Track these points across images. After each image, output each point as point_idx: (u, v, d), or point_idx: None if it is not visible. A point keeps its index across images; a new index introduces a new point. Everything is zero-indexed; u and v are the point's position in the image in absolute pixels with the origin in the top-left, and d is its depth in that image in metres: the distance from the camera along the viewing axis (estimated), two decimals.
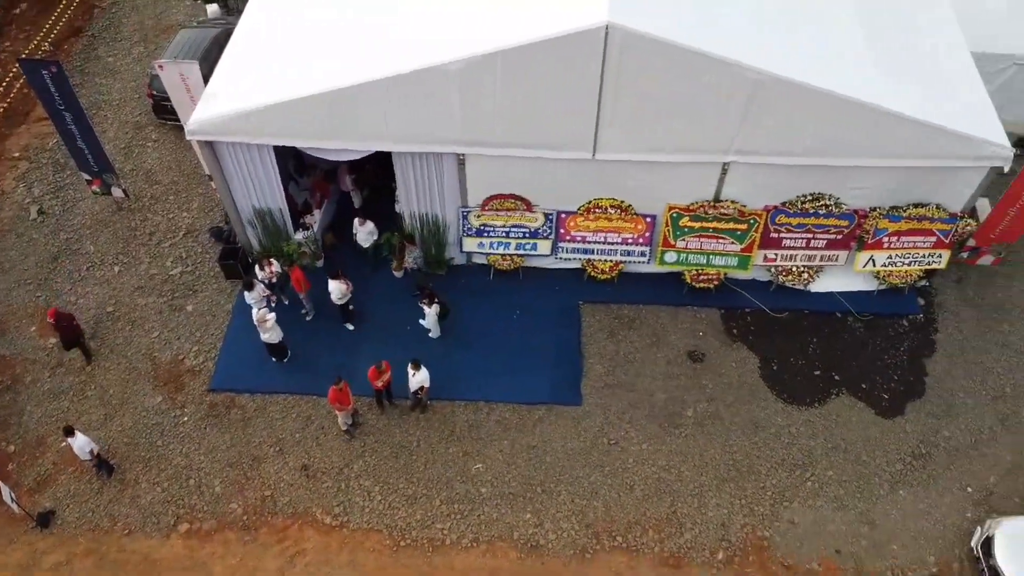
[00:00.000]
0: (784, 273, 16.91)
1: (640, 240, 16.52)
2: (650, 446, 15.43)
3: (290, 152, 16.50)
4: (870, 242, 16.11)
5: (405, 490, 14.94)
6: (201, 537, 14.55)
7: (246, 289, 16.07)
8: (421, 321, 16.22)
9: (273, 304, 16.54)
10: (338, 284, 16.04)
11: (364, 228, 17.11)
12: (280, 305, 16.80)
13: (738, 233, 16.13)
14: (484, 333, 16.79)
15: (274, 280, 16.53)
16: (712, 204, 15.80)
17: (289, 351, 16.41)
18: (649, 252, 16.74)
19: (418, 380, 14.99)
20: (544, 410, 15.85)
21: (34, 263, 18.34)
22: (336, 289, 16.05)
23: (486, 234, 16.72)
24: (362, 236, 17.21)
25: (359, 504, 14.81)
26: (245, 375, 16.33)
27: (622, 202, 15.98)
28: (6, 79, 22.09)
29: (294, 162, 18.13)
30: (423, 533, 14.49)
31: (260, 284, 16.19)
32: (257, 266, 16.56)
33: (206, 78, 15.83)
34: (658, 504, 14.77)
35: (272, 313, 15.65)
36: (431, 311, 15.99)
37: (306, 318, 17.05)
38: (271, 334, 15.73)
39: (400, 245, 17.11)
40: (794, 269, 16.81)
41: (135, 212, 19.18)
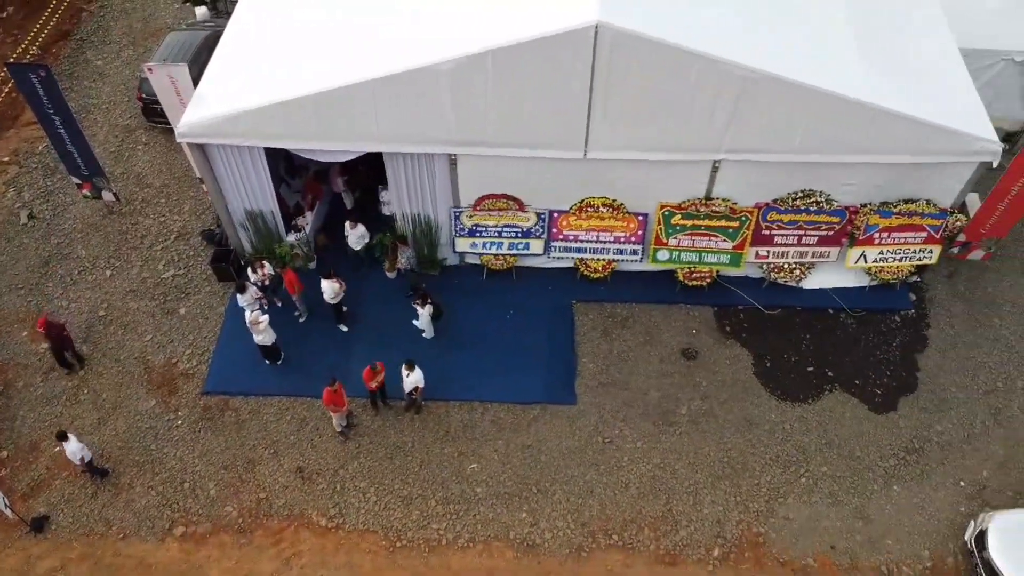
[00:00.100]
0: (776, 270, 16.96)
1: (632, 239, 16.55)
2: (645, 444, 15.47)
3: (281, 154, 16.48)
4: (861, 238, 16.18)
5: (400, 491, 14.94)
6: (196, 540, 14.51)
7: (239, 292, 16.04)
8: (415, 322, 16.21)
9: (266, 306, 16.51)
10: (331, 283, 16.02)
11: (355, 231, 17.07)
12: (273, 307, 16.78)
13: (730, 231, 16.18)
14: (478, 333, 16.79)
15: (267, 282, 16.49)
16: (704, 202, 15.84)
17: (283, 353, 16.39)
18: (641, 250, 16.77)
19: (412, 381, 14.99)
20: (538, 409, 15.86)
21: (25, 268, 18.26)
22: (329, 288, 16.03)
23: (478, 234, 16.72)
24: (353, 239, 17.18)
25: (355, 505, 14.80)
26: (239, 378, 16.29)
27: (614, 201, 16.00)
28: None
29: (285, 164, 18.12)
30: (419, 534, 14.49)
31: (253, 287, 16.15)
32: (249, 268, 16.51)
33: (196, 80, 15.78)
34: (653, 502, 14.81)
35: (265, 315, 15.61)
36: (424, 312, 15.99)
37: (299, 320, 17.03)
38: (264, 336, 15.70)
39: (392, 246, 17.10)
40: (786, 266, 16.87)
41: (126, 216, 19.12)
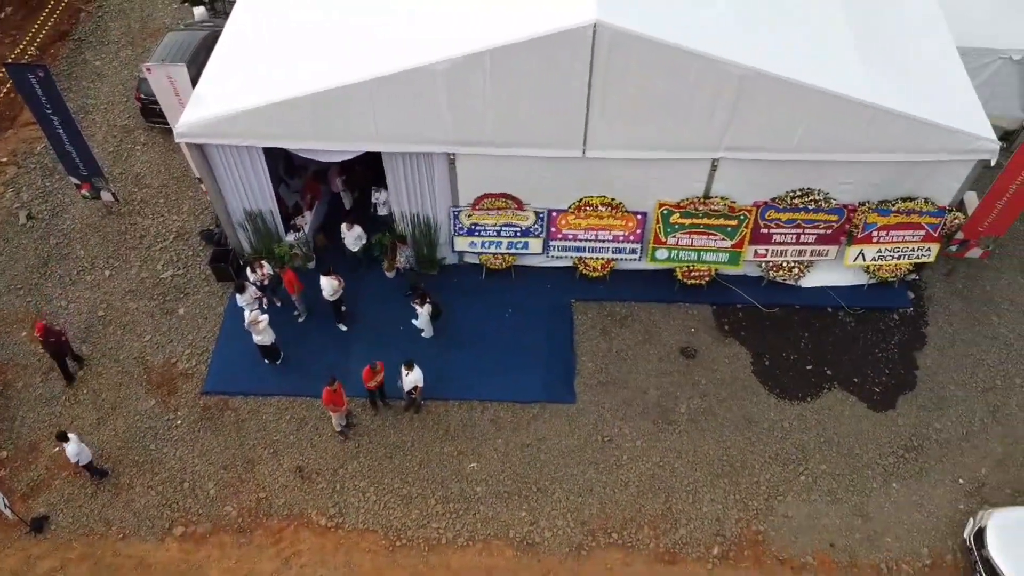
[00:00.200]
0: (775, 268, 16.99)
1: (631, 237, 16.57)
2: (644, 443, 15.49)
3: (280, 154, 16.48)
4: (860, 236, 16.20)
5: (400, 490, 14.95)
6: (196, 540, 14.52)
7: (238, 292, 16.04)
8: (414, 321, 16.21)
9: (265, 306, 16.52)
10: (329, 280, 16.02)
11: (352, 232, 17.01)
12: (272, 307, 16.78)
13: (728, 229, 16.19)
14: (477, 332, 16.80)
15: (266, 282, 16.49)
16: (702, 200, 15.86)
17: (282, 353, 16.40)
18: (640, 249, 16.79)
19: (411, 380, 15.00)
20: (538, 408, 15.88)
21: (24, 268, 18.25)
22: (328, 285, 16.03)
23: (477, 233, 16.73)
24: (350, 240, 17.13)
25: (354, 505, 14.81)
26: (238, 377, 16.30)
27: (612, 200, 16.01)
28: None
29: (284, 164, 18.12)
30: (419, 533, 14.50)
31: (252, 286, 16.15)
32: (248, 268, 16.52)
33: (194, 80, 15.78)
34: (653, 500, 14.82)
35: (265, 315, 15.62)
36: (423, 311, 15.99)
37: (298, 320, 17.04)
38: (263, 336, 15.71)
39: (392, 245, 17.10)
40: (784, 264, 16.89)
41: (125, 216, 19.11)
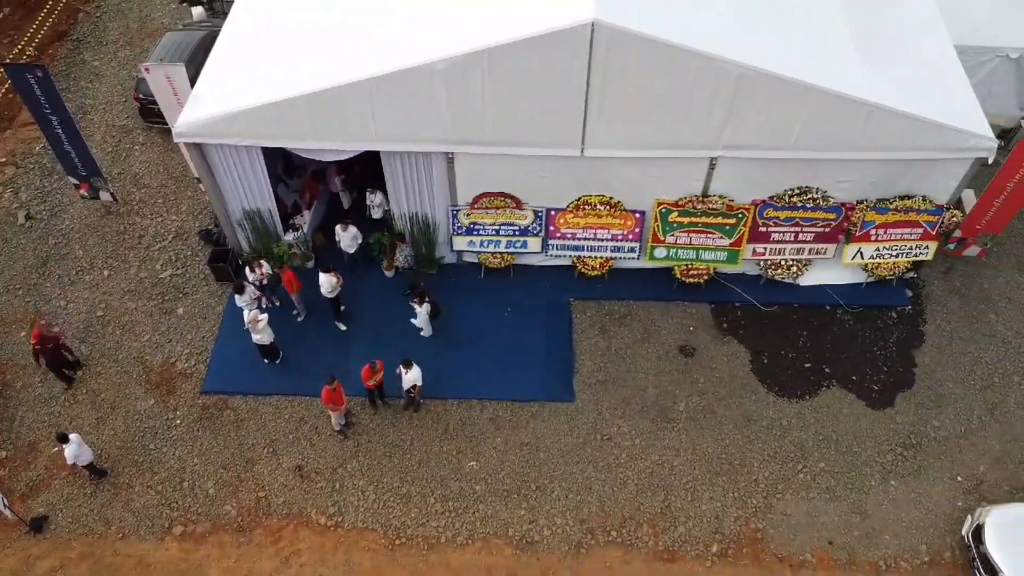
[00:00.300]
0: (773, 267, 17.01)
1: (629, 236, 16.58)
2: (643, 441, 15.51)
3: (279, 153, 16.50)
4: (858, 235, 16.22)
5: (399, 489, 14.97)
6: (196, 539, 14.53)
7: (236, 293, 16.03)
8: (413, 320, 16.23)
9: (265, 305, 16.53)
10: (328, 277, 16.03)
11: (347, 233, 16.95)
12: (271, 306, 16.79)
13: (727, 228, 16.22)
14: (476, 331, 16.82)
15: (265, 282, 16.50)
16: (700, 199, 15.88)
17: (281, 352, 16.41)
18: (639, 248, 16.81)
19: (410, 379, 15.01)
20: (537, 407, 15.89)
21: (22, 268, 18.25)
22: (326, 282, 16.04)
23: (476, 232, 16.75)
24: (346, 242, 17.09)
25: (353, 504, 14.82)
26: (237, 377, 16.31)
27: (611, 198, 16.03)
28: None
29: (283, 163, 18.12)
30: (418, 531, 14.52)
31: (250, 287, 16.15)
32: (247, 268, 16.53)
33: (193, 80, 15.80)
34: (652, 498, 14.84)
35: (264, 314, 15.63)
36: (422, 310, 16.01)
37: (297, 319, 17.05)
38: (263, 335, 15.71)
39: (391, 244, 17.12)
40: (783, 263, 16.91)
41: (123, 216, 19.12)
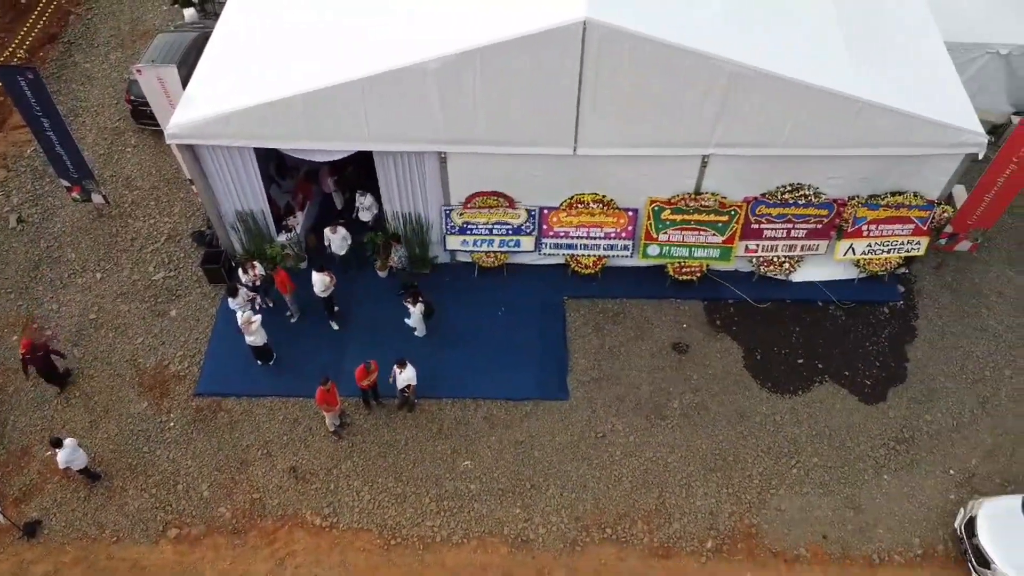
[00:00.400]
0: (766, 264, 17.06)
1: (622, 234, 16.61)
2: (637, 438, 15.54)
3: (271, 154, 16.47)
4: (849, 231, 16.28)
5: (394, 489, 14.96)
6: (190, 542, 14.50)
7: (230, 296, 15.99)
8: (406, 320, 16.23)
9: (259, 307, 16.51)
10: (321, 277, 16.02)
11: (337, 235, 16.92)
12: (264, 308, 16.77)
13: (719, 225, 16.26)
14: (470, 331, 16.83)
15: (258, 283, 16.48)
16: (693, 197, 15.93)
17: (274, 353, 16.39)
18: (632, 246, 16.84)
19: (405, 378, 15.01)
20: (531, 405, 15.91)
21: (14, 272, 18.18)
22: (319, 282, 16.03)
23: (469, 232, 16.75)
24: (336, 244, 17.06)
25: (348, 504, 14.81)
26: (231, 379, 16.28)
27: (604, 197, 16.06)
28: None
29: (275, 164, 18.10)
30: (413, 531, 14.52)
31: (244, 289, 16.13)
32: (240, 269, 16.51)
33: (185, 82, 15.77)
34: (646, 495, 14.88)
35: (257, 315, 15.61)
36: (416, 310, 16.01)
37: (291, 320, 17.03)
38: (256, 337, 15.69)
39: (384, 244, 17.11)
40: (775, 259, 16.96)
41: (116, 218, 19.07)
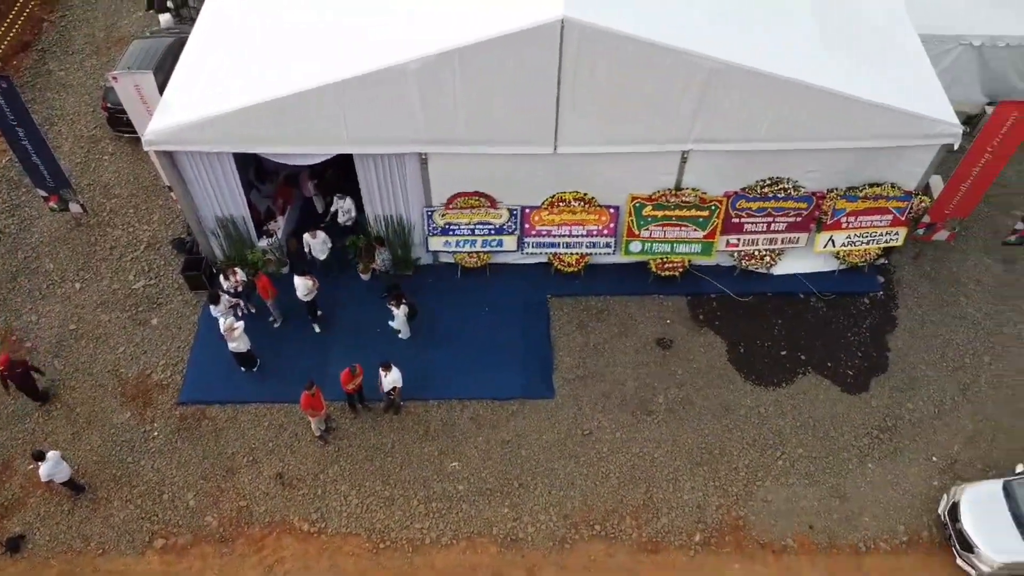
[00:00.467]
0: (747, 257, 17.17)
1: (604, 231, 16.67)
2: (623, 434, 15.59)
3: (250, 159, 16.39)
4: (829, 223, 16.42)
5: (382, 492, 14.93)
6: (178, 552, 14.39)
7: (212, 302, 15.89)
8: (390, 323, 16.20)
9: (241, 313, 16.41)
10: (304, 280, 15.96)
11: (317, 240, 16.85)
12: (247, 314, 16.68)
13: (700, 220, 16.35)
14: (454, 332, 16.82)
15: (239, 289, 16.39)
16: (674, 192, 16.00)
17: (258, 360, 16.30)
18: (614, 243, 16.90)
19: (390, 381, 14.98)
20: (517, 404, 15.93)
21: None
22: (302, 285, 15.97)
23: (451, 232, 16.74)
24: (317, 248, 16.99)
25: (336, 509, 14.76)
26: (214, 386, 16.18)
27: (585, 194, 16.10)
28: None
29: (255, 169, 17.99)
30: (402, 534, 14.49)
31: (225, 296, 16.04)
32: (221, 276, 16.41)
33: (161, 88, 15.66)
34: (634, 491, 14.93)
35: (240, 322, 15.52)
36: (400, 312, 15.98)
37: (274, 325, 16.94)
38: (238, 343, 15.59)
39: (367, 246, 17.06)
40: (756, 253, 17.07)
41: (94, 227, 18.88)
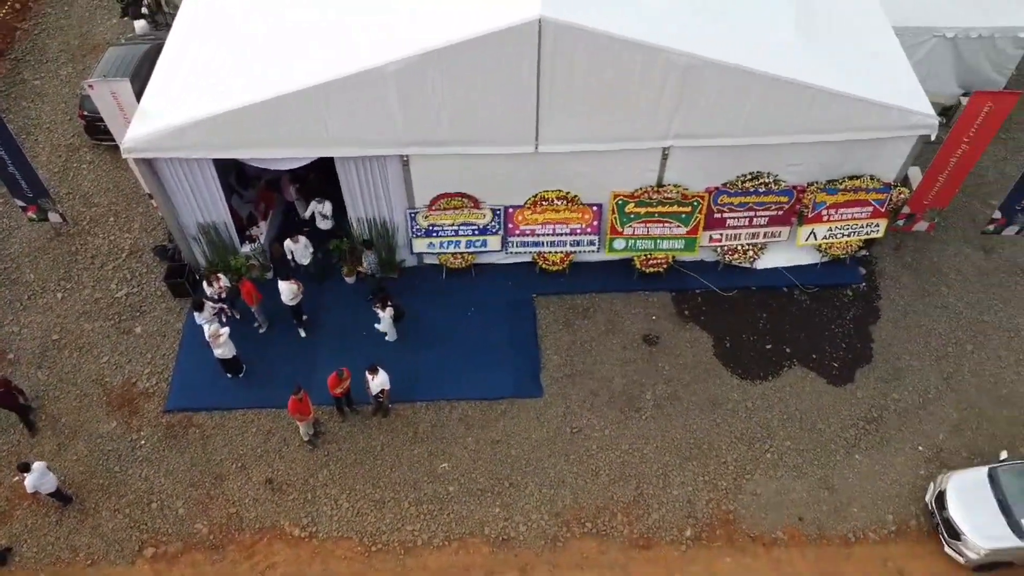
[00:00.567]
0: (730, 252, 17.26)
1: (588, 229, 16.71)
2: (612, 431, 15.64)
3: (231, 164, 16.30)
4: (810, 216, 16.53)
5: (373, 495, 14.90)
6: (168, 560, 14.31)
7: (196, 309, 15.78)
8: (376, 325, 16.17)
9: (226, 319, 16.33)
10: (288, 285, 15.91)
11: (299, 245, 16.80)
12: (232, 320, 16.59)
13: (683, 216, 16.42)
14: (441, 333, 16.81)
15: (223, 295, 16.30)
16: (656, 189, 16.06)
17: (244, 366, 16.22)
18: (598, 241, 16.94)
19: (378, 383, 14.96)
20: (506, 404, 15.94)
21: None
22: (287, 290, 15.91)
23: (435, 234, 16.73)
24: (299, 253, 16.93)
25: (327, 513, 14.72)
26: (201, 393, 16.09)
27: (568, 193, 16.13)
28: None
29: (235, 174, 17.89)
30: (394, 536, 14.48)
31: (209, 303, 15.94)
32: (205, 282, 16.31)
33: (138, 95, 15.54)
34: (624, 488, 14.98)
35: (225, 328, 15.44)
36: (386, 315, 15.95)
37: (259, 331, 16.87)
38: (224, 350, 15.52)
39: (351, 249, 17.01)
40: (739, 248, 17.17)
41: (75, 236, 18.72)
